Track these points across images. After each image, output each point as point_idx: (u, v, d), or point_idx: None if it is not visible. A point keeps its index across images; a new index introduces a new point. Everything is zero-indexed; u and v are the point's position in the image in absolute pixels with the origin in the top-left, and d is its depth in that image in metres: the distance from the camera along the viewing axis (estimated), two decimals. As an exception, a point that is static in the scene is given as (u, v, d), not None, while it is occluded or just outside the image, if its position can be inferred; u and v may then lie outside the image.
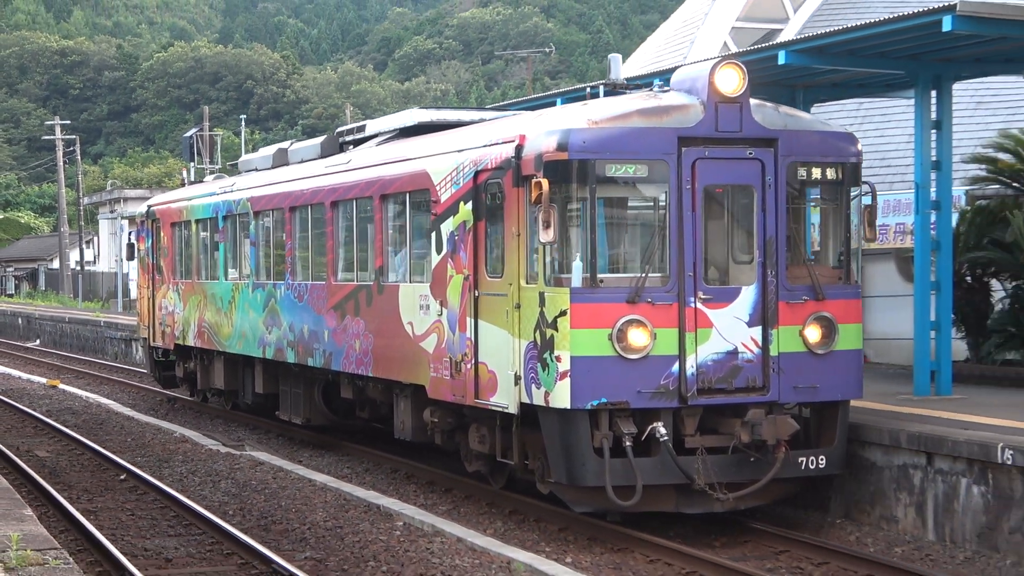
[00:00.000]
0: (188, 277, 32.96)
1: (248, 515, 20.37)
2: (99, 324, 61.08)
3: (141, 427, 31.29)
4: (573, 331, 17.59)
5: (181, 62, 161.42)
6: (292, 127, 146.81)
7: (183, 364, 34.47)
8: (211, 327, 31.00)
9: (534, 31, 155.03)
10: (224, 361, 31.03)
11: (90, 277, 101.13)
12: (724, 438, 18.33)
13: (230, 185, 30.66)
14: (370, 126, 25.80)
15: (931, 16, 19.15)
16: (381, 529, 19.25)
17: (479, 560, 17.17)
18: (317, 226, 25.53)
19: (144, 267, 36.48)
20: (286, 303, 26.72)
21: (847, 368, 18.72)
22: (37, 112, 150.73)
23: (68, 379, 45.38)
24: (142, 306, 37.03)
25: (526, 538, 18.92)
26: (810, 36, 22.50)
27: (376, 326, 22.76)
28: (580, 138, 17.75)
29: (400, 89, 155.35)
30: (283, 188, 27.21)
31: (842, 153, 18.82)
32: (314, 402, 26.91)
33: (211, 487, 22.90)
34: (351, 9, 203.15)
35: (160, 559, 17.55)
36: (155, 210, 35.61)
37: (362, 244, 23.79)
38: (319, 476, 23.42)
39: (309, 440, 28.15)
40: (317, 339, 25.12)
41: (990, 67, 23.35)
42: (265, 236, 28.34)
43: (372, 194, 22.93)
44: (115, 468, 24.73)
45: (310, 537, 18.83)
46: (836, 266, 19.05)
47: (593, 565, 17.26)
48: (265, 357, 27.95)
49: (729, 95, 18.05)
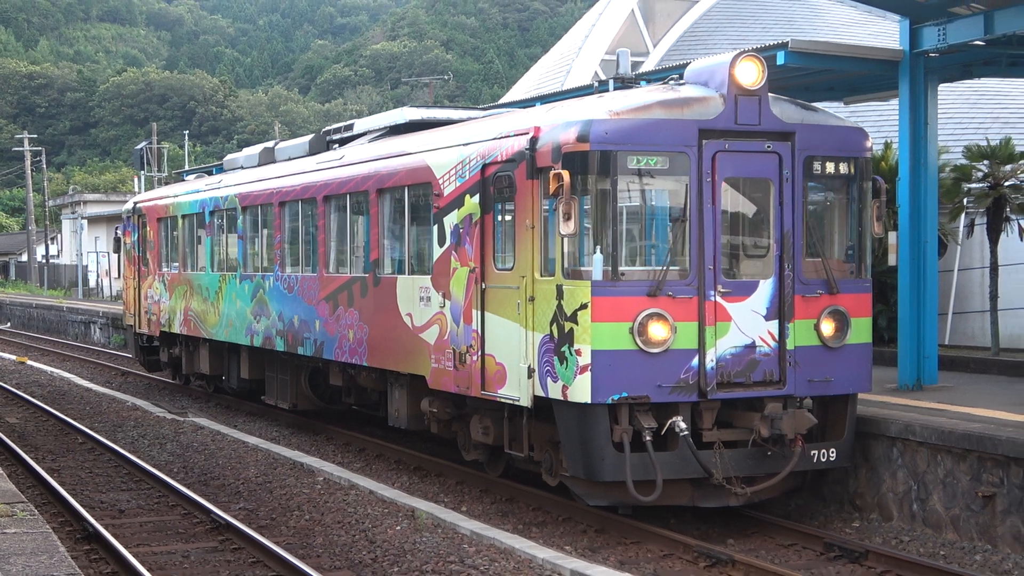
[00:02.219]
0: (174, 268, 29.55)
1: (190, 472, 20.07)
2: (62, 309, 60.43)
3: (98, 397, 30.70)
4: (594, 324, 14.46)
5: (133, 85, 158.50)
6: (229, 141, 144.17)
7: (168, 350, 31.10)
8: (197, 316, 27.67)
9: (435, 61, 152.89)
10: (210, 348, 27.71)
11: (54, 269, 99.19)
12: (741, 432, 15.29)
13: (216, 182, 27.33)
14: (358, 125, 22.49)
15: (768, 51, 18.14)
16: (304, 483, 18.83)
17: (387, 509, 16.77)
18: (308, 220, 22.30)
19: (130, 259, 33.08)
20: (275, 294, 23.39)
21: (858, 361, 15.70)
22: (8, 127, 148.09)
23: (35, 356, 44.56)
24: (128, 296, 33.71)
25: (428, 490, 18.41)
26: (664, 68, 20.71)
27: (371, 317, 19.54)
28: (602, 129, 14.60)
29: (321, 109, 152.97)
30: (272, 184, 23.86)
31: (855, 148, 15.79)
32: (301, 388, 23.76)
33: (158, 448, 22.48)
34: (279, 41, 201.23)
35: (114, 510, 17.20)
36: (141, 206, 32.17)
37: (356, 237, 20.53)
38: (251, 438, 23.02)
39: (242, 408, 27.61)
40: (308, 328, 21.83)
41: (817, 95, 21.69)
42: (253, 230, 24.98)
43: (368, 188, 19.64)
44: (75, 433, 24.32)
45: (243, 491, 18.52)
46: (847, 260, 15.96)
47: (484, 513, 16.78)
48: (252, 345, 24.65)
49: (749, 88, 15.01)
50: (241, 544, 14.93)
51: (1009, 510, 14.31)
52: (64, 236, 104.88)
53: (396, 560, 14.15)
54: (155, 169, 78.70)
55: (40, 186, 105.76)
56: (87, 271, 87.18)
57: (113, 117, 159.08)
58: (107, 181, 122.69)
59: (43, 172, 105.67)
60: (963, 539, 14.88)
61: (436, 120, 20.21)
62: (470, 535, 15.19)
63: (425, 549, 14.57)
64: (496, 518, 16.48)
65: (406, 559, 14.16)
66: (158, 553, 14.67)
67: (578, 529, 15.96)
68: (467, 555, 14.25)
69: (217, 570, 13.96)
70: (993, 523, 14.53)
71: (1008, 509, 14.33)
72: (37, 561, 11.12)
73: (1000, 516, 14.45)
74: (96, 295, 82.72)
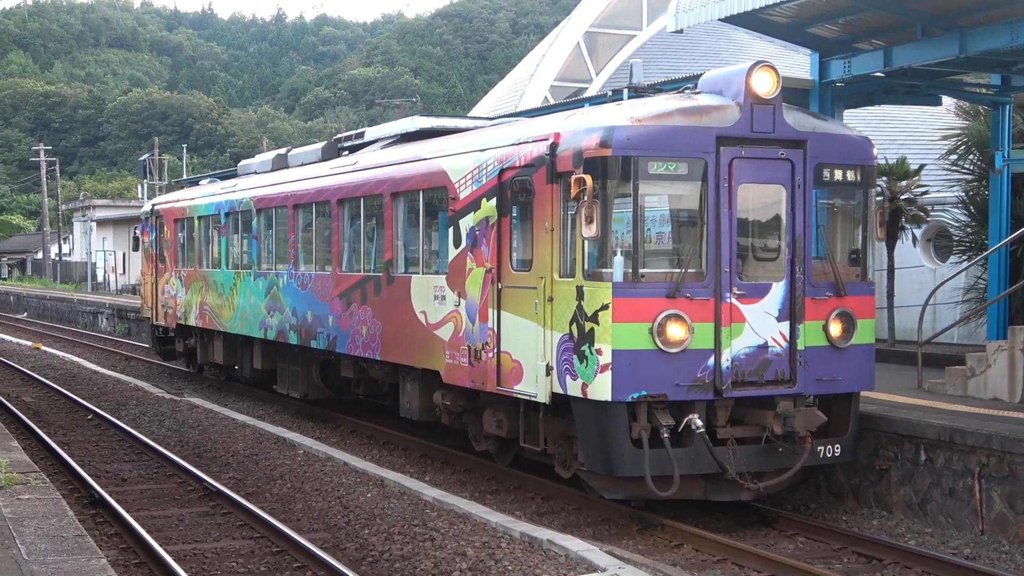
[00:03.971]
0: (190, 265, 27.72)
1: (185, 446, 19.76)
2: (72, 301, 59.73)
3: (104, 379, 30.03)
4: (615, 325, 12.89)
5: (138, 104, 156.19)
6: (222, 154, 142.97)
7: (183, 341, 29.28)
8: (212, 310, 25.87)
9: (405, 85, 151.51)
10: (224, 340, 25.93)
11: (66, 265, 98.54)
12: (753, 429, 13.76)
13: (232, 186, 25.50)
14: (368, 132, 20.78)
15: (684, 82, 16.34)
16: (287, 456, 18.48)
17: (360, 479, 16.48)
18: (322, 221, 20.57)
19: (148, 257, 31.12)
20: (289, 290, 21.66)
21: (863, 361, 14.21)
22: (26, 140, 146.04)
23: (48, 343, 43.78)
24: (145, 290, 31.81)
25: (395, 462, 18.22)
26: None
27: (384, 314, 17.89)
28: (624, 135, 13.03)
29: (304, 127, 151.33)
30: (286, 188, 22.09)
31: (862, 156, 14.27)
32: (312, 379, 22.04)
33: (157, 425, 22.08)
34: (267, 66, 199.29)
35: (118, 479, 17.02)
36: (159, 208, 30.26)
37: (370, 238, 18.84)
38: (240, 416, 22.54)
39: (231, 389, 26.99)
40: (321, 323, 20.14)
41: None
42: (267, 230, 23.20)
43: (383, 192, 17.98)
44: (84, 410, 23.88)
45: (232, 462, 18.29)
46: (853, 263, 14.44)
47: (444, 482, 16.54)
48: (266, 338, 22.91)
49: (764, 97, 13.46)
50: (230, 509, 14.84)
51: (902, 481, 14.35)
52: (75, 237, 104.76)
53: (367, 523, 14.03)
54: (156, 178, 79.40)
55: (54, 192, 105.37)
56: (95, 268, 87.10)
57: (119, 132, 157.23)
58: (114, 188, 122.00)
59: (57, 180, 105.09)
60: (862, 507, 14.75)
61: (445, 128, 18.62)
62: (432, 501, 14.88)
63: (392, 513, 14.38)
64: (455, 487, 16.26)
65: (376, 522, 14.01)
66: (156, 517, 14.57)
67: (527, 497, 15.72)
68: (429, 519, 14.03)
69: (209, 532, 13.96)
70: (888, 492, 14.51)
71: (901, 480, 14.37)
72: (48, 524, 11.17)
73: (895, 486, 14.43)
74: (103, 289, 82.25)
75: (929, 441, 14.01)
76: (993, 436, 13.29)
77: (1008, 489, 13.13)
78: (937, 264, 25.86)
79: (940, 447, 13.90)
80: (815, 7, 17.35)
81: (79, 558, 9.91)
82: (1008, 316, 18.94)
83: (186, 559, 12.40)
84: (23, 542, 10.38)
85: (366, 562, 12.36)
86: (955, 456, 13.73)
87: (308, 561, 12.14)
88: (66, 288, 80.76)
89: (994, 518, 13.31)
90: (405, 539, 13.16)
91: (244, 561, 12.50)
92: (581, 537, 13.14)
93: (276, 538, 13.16)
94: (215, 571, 12.15)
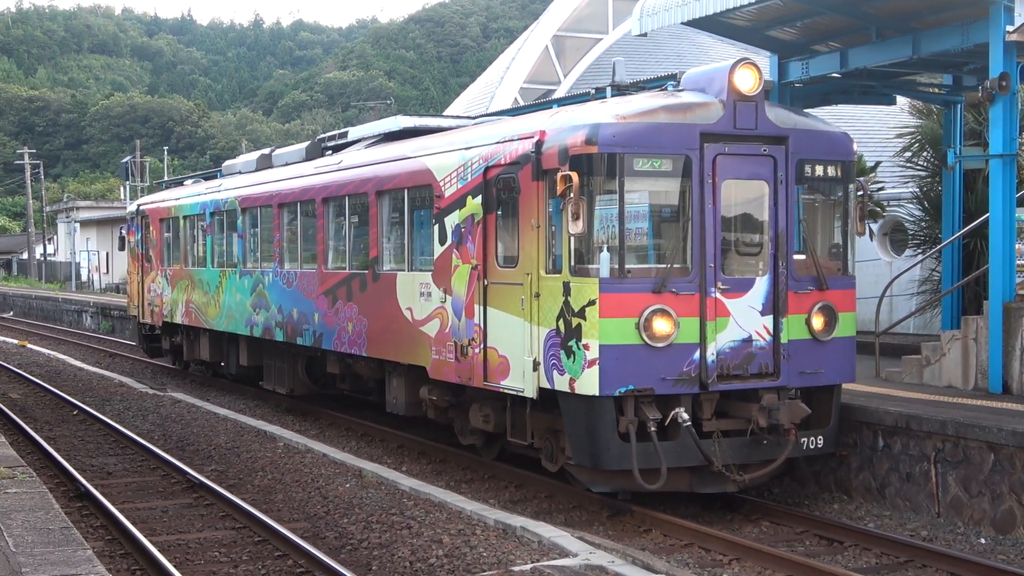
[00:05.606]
0: (176, 264, 27.25)
1: (169, 440, 19.60)
2: (57, 300, 59.30)
3: (89, 375, 29.86)
4: (602, 320, 12.57)
5: (119, 107, 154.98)
6: (202, 156, 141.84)
7: (169, 338, 28.83)
8: (198, 307, 25.42)
9: (380, 88, 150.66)
10: (210, 337, 25.50)
11: (50, 265, 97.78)
12: (737, 422, 13.48)
13: (216, 186, 25.01)
14: (352, 132, 20.34)
15: (661, 81, 15.81)
16: (267, 448, 18.38)
17: (338, 470, 16.43)
18: (307, 220, 20.17)
19: (134, 256, 30.61)
20: (275, 288, 21.25)
21: (844, 354, 13.93)
22: (11, 143, 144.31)
23: (34, 340, 43.25)
24: (132, 288, 31.32)
25: (373, 453, 18.08)
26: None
27: (370, 310, 17.53)
28: (609, 132, 12.72)
29: (282, 129, 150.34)
30: (271, 187, 21.64)
31: (843, 152, 14.01)
32: (298, 375, 21.69)
33: (141, 419, 21.89)
34: (246, 71, 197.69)
35: (103, 473, 16.91)
36: (144, 208, 29.73)
37: (356, 235, 18.45)
38: (222, 410, 22.40)
39: (213, 384, 26.65)
40: (307, 321, 19.75)
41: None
42: (253, 229, 22.76)
43: (368, 190, 17.60)
44: (69, 406, 23.64)
45: (215, 455, 18.11)
46: (834, 257, 14.17)
47: (420, 472, 16.48)
48: (252, 335, 22.49)
49: (747, 94, 13.19)
50: (213, 501, 14.74)
51: (862, 466, 14.41)
52: (59, 237, 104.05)
53: (346, 512, 13.95)
54: (138, 180, 79.14)
55: (38, 194, 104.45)
56: (79, 267, 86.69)
57: (102, 135, 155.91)
58: (96, 190, 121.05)
59: (41, 182, 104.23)
60: (824, 491, 14.78)
61: (428, 127, 18.23)
62: (409, 491, 14.83)
63: (371, 503, 14.34)
64: (431, 477, 16.17)
65: (354, 511, 13.96)
66: (141, 509, 14.45)
67: (500, 485, 15.61)
68: (406, 508, 14.01)
69: (192, 523, 13.87)
70: (848, 477, 14.55)
71: (861, 466, 14.43)
72: (35, 516, 11.13)
73: (855, 471, 14.49)
74: (87, 288, 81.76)
75: (887, 428, 13.99)
76: (948, 422, 13.27)
77: (963, 473, 13.14)
78: (893, 257, 25.71)
79: (897, 433, 13.88)
80: (774, 11, 17.19)
81: (65, 549, 9.86)
82: (961, 307, 18.86)
83: (170, 549, 12.30)
84: (10, 534, 10.30)
85: (345, 550, 12.25)
86: (912, 442, 13.72)
87: (289, 550, 12.06)
88: (51, 287, 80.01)
89: (950, 501, 13.30)
90: (383, 528, 13.07)
91: (227, 551, 12.40)
92: (553, 524, 13.08)
93: (258, 528, 13.10)
94: (199, 561, 12.04)
